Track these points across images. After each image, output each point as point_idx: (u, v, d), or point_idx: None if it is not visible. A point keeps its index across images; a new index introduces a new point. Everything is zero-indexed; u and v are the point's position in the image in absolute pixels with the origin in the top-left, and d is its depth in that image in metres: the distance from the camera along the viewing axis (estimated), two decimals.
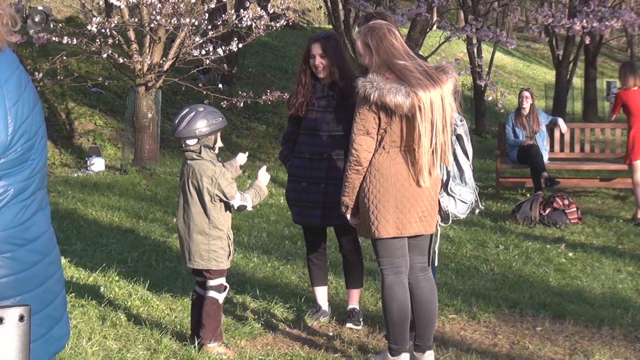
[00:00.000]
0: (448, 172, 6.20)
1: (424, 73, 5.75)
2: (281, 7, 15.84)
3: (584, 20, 16.57)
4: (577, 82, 26.40)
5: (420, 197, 5.88)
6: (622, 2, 23.23)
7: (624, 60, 60.18)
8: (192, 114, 6.27)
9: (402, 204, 5.82)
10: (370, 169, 5.84)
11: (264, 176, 6.72)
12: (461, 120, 6.18)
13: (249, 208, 6.49)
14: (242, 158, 6.96)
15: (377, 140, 5.81)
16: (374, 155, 5.83)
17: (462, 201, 6.27)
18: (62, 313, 2.91)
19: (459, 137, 6.20)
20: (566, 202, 12.26)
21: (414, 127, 5.72)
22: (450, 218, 6.29)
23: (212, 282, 6.45)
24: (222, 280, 6.49)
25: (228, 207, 6.41)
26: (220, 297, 6.48)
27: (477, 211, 6.59)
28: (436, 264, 6.57)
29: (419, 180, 5.84)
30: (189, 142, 6.28)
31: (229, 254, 6.47)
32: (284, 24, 14.42)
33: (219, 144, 6.48)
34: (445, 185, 6.18)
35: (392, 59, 5.78)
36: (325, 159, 7.04)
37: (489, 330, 7.22)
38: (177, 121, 6.33)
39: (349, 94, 6.88)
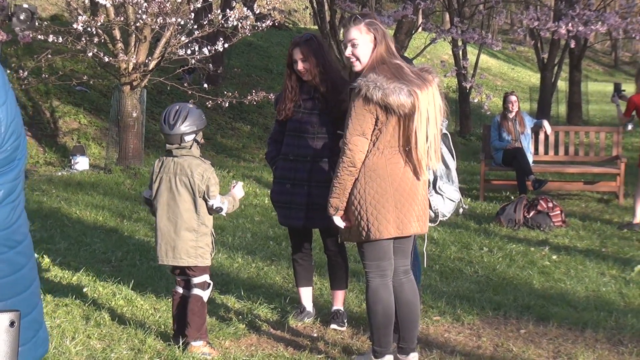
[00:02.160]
0: (434, 171, 6.22)
1: (415, 73, 5.76)
2: (267, 8, 15.85)
3: (570, 24, 16.62)
4: (562, 85, 26.44)
5: (417, 197, 5.88)
6: (607, 6, 23.27)
7: (608, 64, 60.50)
8: (186, 110, 6.30)
9: (400, 204, 5.80)
10: (364, 169, 5.78)
11: (239, 191, 6.71)
12: (445, 120, 6.19)
13: (223, 213, 6.48)
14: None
15: (371, 140, 5.79)
16: (367, 156, 5.79)
17: (450, 199, 6.31)
18: (43, 316, 2.89)
19: (444, 136, 6.21)
20: (550, 204, 12.28)
21: (409, 126, 5.72)
22: (439, 218, 6.30)
23: (196, 280, 6.46)
24: (205, 278, 6.49)
25: (207, 205, 6.41)
26: (205, 295, 6.48)
27: (460, 210, 6.63)
28: (425, 266, 6.60)
29: (418, 174, 5.83)
30: (187, 138, 6.29)
31: (212, 251, 6.50)
32: (270, 24, 14.41)
33: (201, 139, 6.53)
34: (433, 184, 6.20)
35: (391, 57, 5.79)
36: (309, 161, 7.04)
37: (473, 333, 7.23)
38: (172, 118, 6.30)
39: (333, 95, 6.89)
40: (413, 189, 5.85)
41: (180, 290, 6.56)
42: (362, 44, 5.85)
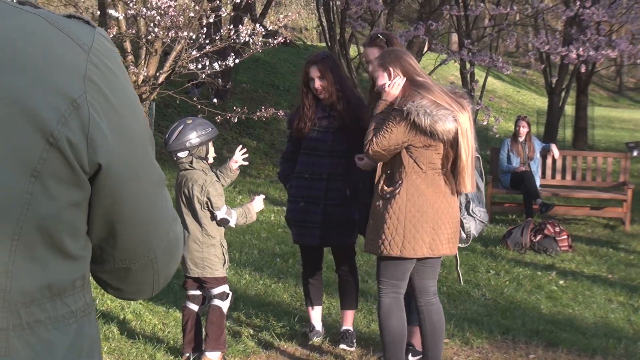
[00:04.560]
0: (467, 195, 6.26)
1: (446, 94, 5.80)
2: (278, 25, 15.83)
3: (580, 49, 16.63)
4: (568, 109, 26.44)
5: (451, 219, 5.93)
6: (614, 32, 23.29)
7: (612, 90, 60.50)
8: (181, 127, 6.30)
9: (437, 226, 5.84)
10: (407, 186, 5.80)
11: (258, 204, 6.71)
12: (476, 143, 6.20)
13: (232, 224, 6.47)
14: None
15: (411, 160, 5.80)
16: (411, 174, 5.82)
17: (481, 221, 6.33)
18: None
19: (476, 159, 6.22)
20: (557, 229, 12.27)
21: (452, 150, 5.78)
22: (471, 239, 6.33)
23: (214, 291, 6.46)
24: (224, 288, 6.50)
25: (212, 217, 6.40)
26: (224, 305, 6.49)
27: (484, 231, 6.69)
28: (462, 284, 6.63)
29: (454, 196, 5.91)
30: (180, 154, 6.31)
31: (224, 262, 6.49)
32: (282, 41, 14.40)
33: (212, 153, 6.52)
34: (466, 207, 6.22)
35: (415, 76, 5.83)
36: (324, 179, 7.03)
37: (482, 356, 7.22)
38: (167, 135, 6.38)
39: (349, 113, 6.90)
40: (449, 211, 5.91)
41: (190, 305, 6.55)
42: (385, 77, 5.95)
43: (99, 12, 20.81)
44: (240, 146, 6.96)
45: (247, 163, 6.97)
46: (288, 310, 8.23)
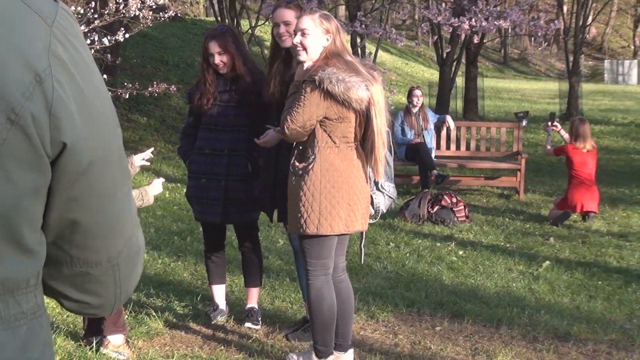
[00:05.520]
0: None
1: (365, 69, 5.68)
2: None
3: (473, 19, 16.71)
4: (458, 81, 26.66)
5: (364, 194, 5.81)
6: (504, 3, 23.51)
7: (498, 61, 61.38)
8: None
9: (352, 201, 5.70)
10: (320, 161, 5.65)
11: (157, 187, 6.41)
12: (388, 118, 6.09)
13: None
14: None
15: (325, 134, 5.65)
16: (324, 148, 5.66)
17: (390, 197, 6.22)
18: None
19: (387, 134, 6.11)
20: (454, 200, 12.31)
21: (365, 122, 5.64)
22: (379, 214, 6.21)
23: None
24: None
25: None
26: None
27: (393, 206, 6.58)
28: (362, 262, 6.53)
29: (366, 171, 5.79)
30: None
31: None
32: (172, 15, 14.17)
33: None
34: (375, 182, 6.09)
35: (344, 52, 5.70)
36: (225, 155, 6.88)
37: (389, 330, 7.17)
38: None
39: (251, 87, 6.76)
40: (362, 186, 5.78)
41: None
42: (313, 34, 5.69)
43: None
44: (152, 149, 6.75)
45: (149, 164, 6.76)
46: (190, 290, 8.08)
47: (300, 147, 5.77)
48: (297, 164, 5.76)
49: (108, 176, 1.63)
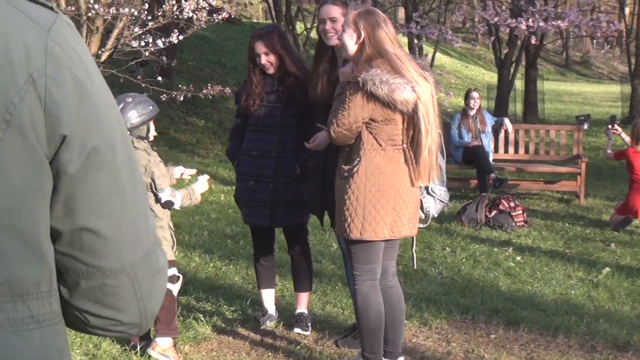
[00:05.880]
0: None
1: (414, 67, 5.48)
2: (222, 0, 15.54)
3: (530, 20, 16.44)
4: (517, 83, 26.35)
5: (412, 198, 5.62)
6: (564, 4, 23.17)
7: (559, 64, 60.79)
8: (121, 105, 5.92)
9: (398, 206, 5.52)
10: (365, 164, 5.48)
11: (202, 184, 6.37)
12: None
13: (176, 207, 6.15)
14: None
15: (370, 136, 5.48)
16: (369, 151, 5.49)
17: (441, 201, 6.02)
18: None
19: (438, 136, 5.90)
20: (512, 204, 12.08)
21: (413, 124, 5.45)
22: (430, 219, 6.03)
23: None
24: (173, 271, 6.17)
25: (156, 199, 6.06)
26: (174, 288, 6.18)
27: (445, 209, 6.40)
28: (415, 267, 6.35)
29: (415, 174, 5.57)
30: None
31: (173, 245, 6.16)
32: (225, 16, 14.09)
33: (153, 132, 6.18)
34: (425, 186, 5.90)
35: (385, 46, 5.48)
36: (273, 157, 6.75)
37: (442, 337, 6.98)
38: None
39: (297, 87, 6.62)
40: (410, 189, 5.59)
41: None
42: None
43: None
44: (196, 171, 6.66)
45: (188, 177, 6.68)
46: (240, 294, 7.95)
47: (347, 149, 5.61)
48: (343, 166, 5.60)
49: (113, 175, 1.60)
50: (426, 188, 5.93)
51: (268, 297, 7.13)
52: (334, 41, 6.18)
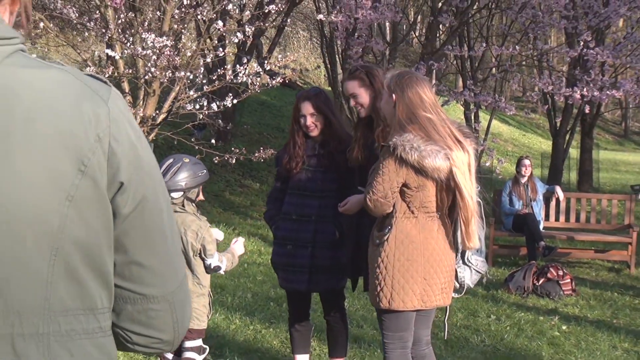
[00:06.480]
0: None
1: (449, 133, 5.28)
2: (278, 65, 15.51)
3: (584, 89, 16.21)
4: (572, 152, 26.03)
5: (444, 268, 5.42)
6: (620, 75, 22.90)
7: (618, 134, 60.21)
8: (179, 164, 5.80)
9: (429, 275, 5.34)
10: (396, 232, 5.32)
11: (240, 247, 6.24)
12: (478, 187, 5.65)
13: (222, 272, 6.01)
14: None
15: (404, 204, 5.31)
16: (401, 218, 5.34)
17: (478, 271, 5.78)
18: None
19: (477, 204, 5.68)
20: (560, 272, 11.81)
21: (447, 191, 5.27)
22: (465, 289, 5.79)
23: (190, 344, 5.95)
24: (201, 342, 6.01)
25: (204, 264, 5.92)
26: (199, 358, 6.00)
27: (484, 280, 6.16)
28: (446, 337, 6.14)
29: (450, 242, 5.41)
30: (174, 194, 5.79)
31: (209, 313, 6.01)
32: (280, 81, 14.04)
33: (201, 197, 6.03)
34: (462, 255, 5.68)
35: (417, 109, 5.31)
36: (313, 221, 6.58)
37: None
38: (161, 172, 5.80)
39: (342, 151, 6.46)
40: (443, 259, 5.40)
41: (169, 356, 6.06)
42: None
43: (97, 53, 20.52)
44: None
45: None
46: (277, 358, 7.78)
47: (381, 217, 5.44)
48: (376, 232, 5.43)
49: (157, 217, 1.92)
50: (462, 257, 5.72)
51: None
52: (362, 114, 6.12)
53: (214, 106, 13.33)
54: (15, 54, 1.84)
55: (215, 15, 13.60)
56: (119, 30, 13.45)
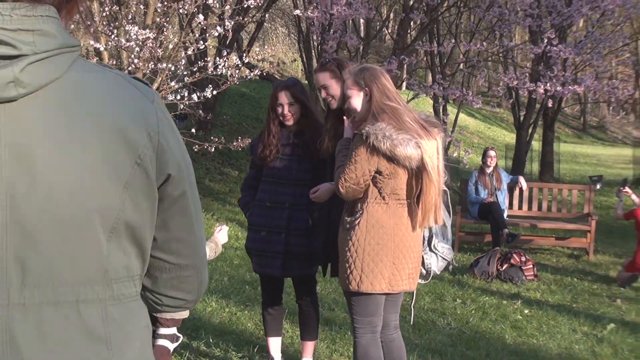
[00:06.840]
0: (430, 229, 5.54)
1: (415, 121, 5.12)
2: (257, 58, 15.31)
3: (548, 84, 16.11)
4: (535, 144, 25.97)
5: (412, 254, 5.24)
6: (580, 71, 22.81)
7: (576, 127, 60.33)
8: None
9: (398, 260, 5.15)
10: (367, 217, 5.14)
11: (223, 236, 6.00)
12: (445, 176, 5.47)
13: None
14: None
15: (375, 189, 5.13)
16: (372, 204, 5.15)
17: (444, 258, 5.61)
18: None
19: (444, 193, 5.51)
20: (523, 258, 11.70)
21: (417, 179, 5.09)
22: (431, 275, 5.62)
23: (164, 331, 5.72)
24: (175, 330, 5.78)
25: None
26: (172, 347, 5.78)
27: (450, 268, 5.99)
28: (412, 322, 5.97)
29: (417, 229, 5.23)
30: None
31: None
32: (258, 73, 13.83)
33: None
34: (428, 242, 5.52)
35: (385, 100, 5.14)
36: (287, 208, 6.38)
37: None
38: None
39: (314, 141, 6.27)
40: (412, 245, 5.22)
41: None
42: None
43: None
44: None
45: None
46: (250, 340, 7.58)
47: (351, 201, 5.25)
48: (346, 217, 5.25)
49: (193, 200, 2.11)
50: (429, 244, 5.55)
51: (275, 345, 6.74)
52: (333, 106, 5.92)
53: (195, 97, 13.10)
54: (78, 60, 1.97)
55: (196, 9, 13.38)
56: (104, 23, 13.22)
